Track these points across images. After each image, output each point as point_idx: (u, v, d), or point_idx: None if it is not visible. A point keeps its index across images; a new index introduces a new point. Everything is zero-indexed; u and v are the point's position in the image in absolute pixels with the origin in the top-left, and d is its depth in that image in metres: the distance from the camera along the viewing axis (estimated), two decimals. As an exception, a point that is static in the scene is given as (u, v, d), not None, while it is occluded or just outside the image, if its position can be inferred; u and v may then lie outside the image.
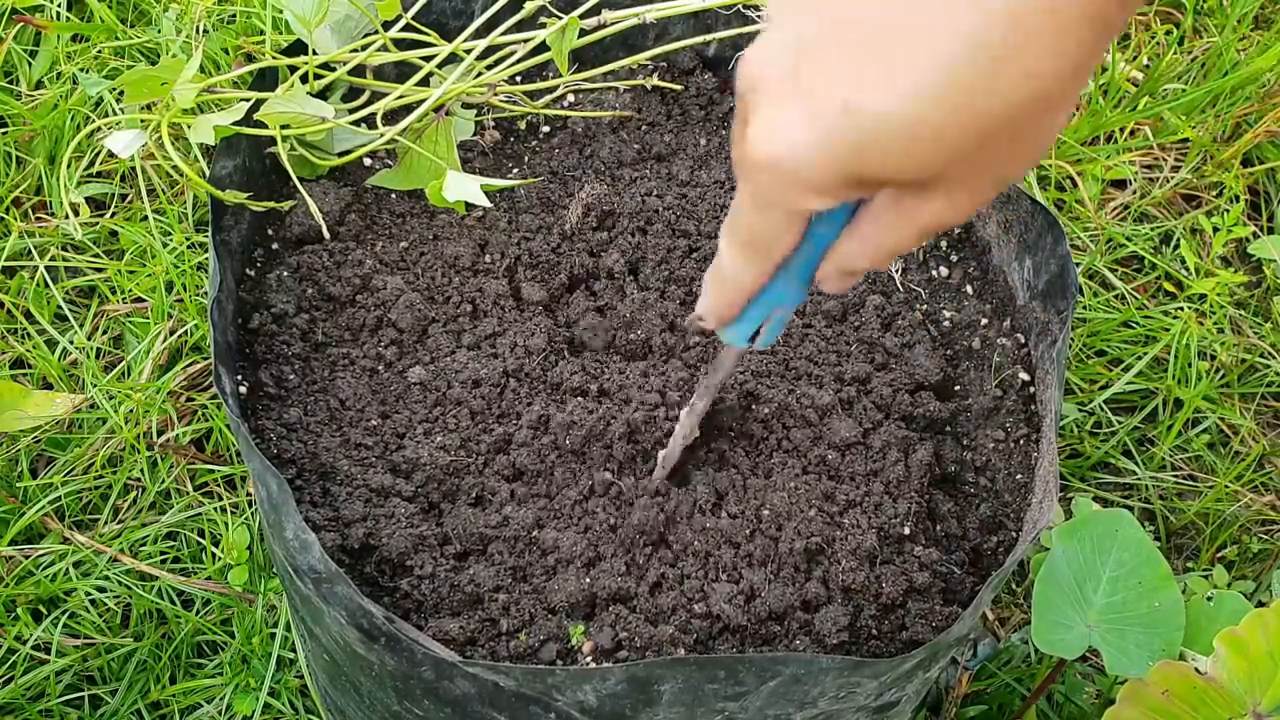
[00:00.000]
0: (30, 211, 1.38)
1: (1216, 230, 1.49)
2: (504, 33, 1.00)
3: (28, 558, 1.14)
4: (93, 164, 1.40)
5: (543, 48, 1.00)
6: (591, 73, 1.08)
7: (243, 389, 0.85)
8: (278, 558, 0.80)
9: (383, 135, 0.94)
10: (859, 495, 0.83)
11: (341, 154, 0.99)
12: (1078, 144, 1.51)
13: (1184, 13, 1.66)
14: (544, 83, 1.07)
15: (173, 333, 1.27)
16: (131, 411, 1.22)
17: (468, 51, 0.98)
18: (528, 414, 0.85)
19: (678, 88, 1.12)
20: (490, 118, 1.08)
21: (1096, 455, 1.30)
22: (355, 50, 0.97)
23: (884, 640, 0.78)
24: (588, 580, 0.76)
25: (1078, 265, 1.41)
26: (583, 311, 0.94)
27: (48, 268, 1.31)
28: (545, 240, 0.98)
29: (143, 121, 0.95)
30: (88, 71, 1.41)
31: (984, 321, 0.97)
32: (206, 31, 1.44)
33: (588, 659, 0.74)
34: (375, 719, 0.81)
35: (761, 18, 1.09)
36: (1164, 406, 1.34)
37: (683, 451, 0.81)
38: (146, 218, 1.33)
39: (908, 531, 0.82)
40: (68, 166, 1.37)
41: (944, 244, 1.02)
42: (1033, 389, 0.92)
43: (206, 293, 1.09)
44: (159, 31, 1.47)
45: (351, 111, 0.97)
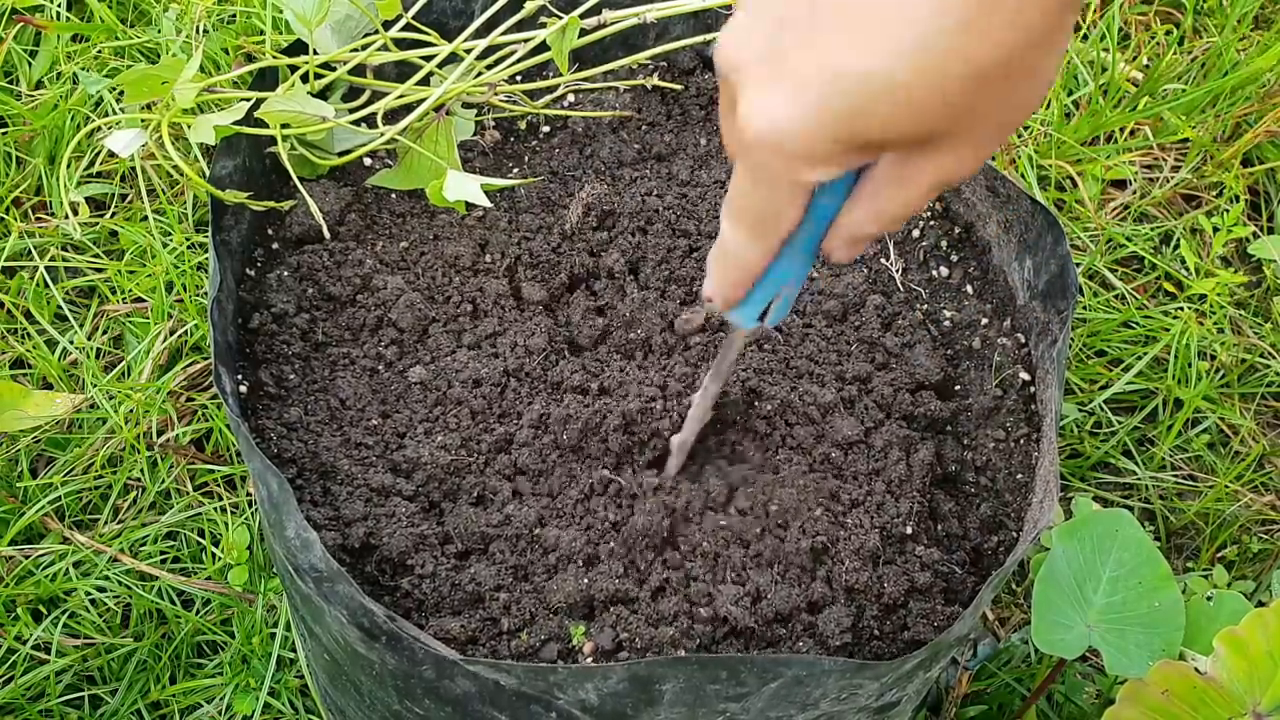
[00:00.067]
0: (30, 211, 1.38)
1: (1216, 230, 1.49)
2: (504, 32, 1.00)
3: (28, 558, 1.14)
4: (93, 164, 1.40)
5: (543, 47, 1.00)
6: (591, 72, 1.08)
7: (243, 389, 0.85)
8: (278, 557, 0.80)
9: (383, 135, 0.94)
10: (862, 494, 0.83)
11: (341, 154, 0.99)
12: (1078, 144, 1.51)
13: (1184, 13, 1.66)
14: (544, 82, 1.07)
15: (173, 333, 1.27)
16: (131, 411, 1.22)
17: (468, 51, 0.98)
18: (528, 413, 0.85)
19: (678, 88, 1.12)
20: (490, 117, 1.08)
21: (1096, 455, 1.30)
22: (355, 50, 0.97)
23: (886, 641, 0.78)
24: (587, 580, 0.76)
25: (1078, 265, 1.41)
26: (583, 311, 0.94)
27: (48, 268, 1.31)
28: (545, 240, 0.98)
29: (143, 121, 0.95)
30: (88, 71, 1.41)
31: (984, 321, 0.97)
32: (206, 31, 1.44)
33: (588, 660, 0.74)
34: (376, 718, 0.81)
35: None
36: (1164, 406, 1.34)
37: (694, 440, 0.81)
38: (146, 218, 1.33)
39: (910, 531, 0.82)
40: (68, 166, 1.37)
41: (944, 244, 1.02)
42: (1033, 389, 0.92)
43: (206, 293, 1.09)
44: (159, 31, 1.47)
45: (351, 111, 0.97)
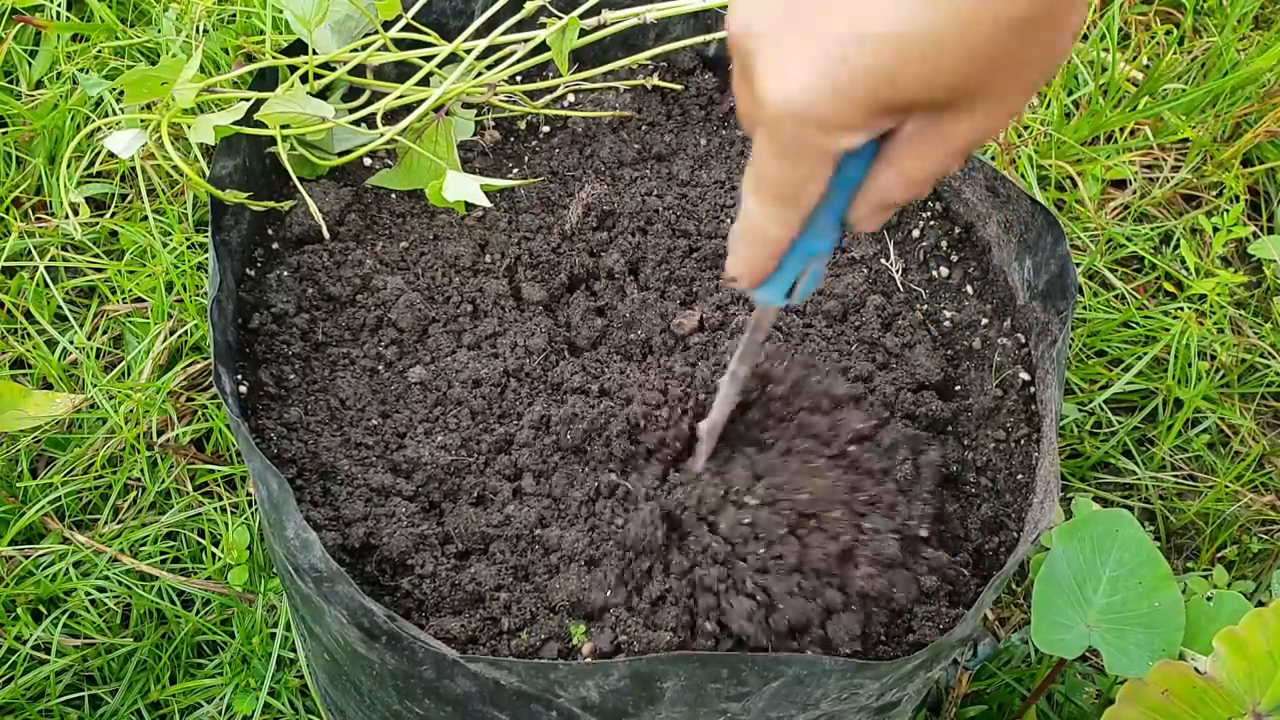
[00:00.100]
0: (30, 211, 1.38)
1: (1216, 230, 1.49)
2: (504, 33, 1.00)
3: (28, 558, 1.14)
4: (93, 164, 1.40)
5: (543, 48, 1.00)
6: (591, 73, 1.08)
7: (243, 389, 0.85)
8: (278, 557, 0.80)
9: (383, 135, 0.94)
10: (877, 495, 0.81)
11: (341, 154, 0.99)
12: (1078, 144, 1.51)
13: (1184, 13, 1.66)
14: (544, 83, 1.07)
15: (173, 333, 1.27)
16: (131, 411, 1.21)
17: (468, 51, 0.98)
18: (529, 414, 0.85)
19: (678, 88, 1.12)
20: (490, 118, 1.08)
21: (1096, 455, 1.30)
22: (355, 50, 0.97)
23: (891, 645, 0.78)
24: (588, 580, 0.76)
25: (1078, 265, 1.41)
26: (583, 312, 0.94)
27: (48, 268, 1.31)
28: (545, 240, 0.98)
29: (143, 121, 0.95)
30: (88, 71, 1.41)
31: (984, 321, 0.97)
32: (206, 31, 1.44)
33: (586, 660, 0.74)
34: (376, 718, 0.81)
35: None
36: (1164, 406, 1.34)
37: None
38: (146, 218, 1.33)
39: (924, 534, 0.81)
40: (68, 166, 1.37)
41: (944, 244, 1.02)
42: (1033, 389, 0.92)
43: (206, 293, 1.09)
44: (159, 31, 1.47)
45: (351, 111, 0.97)
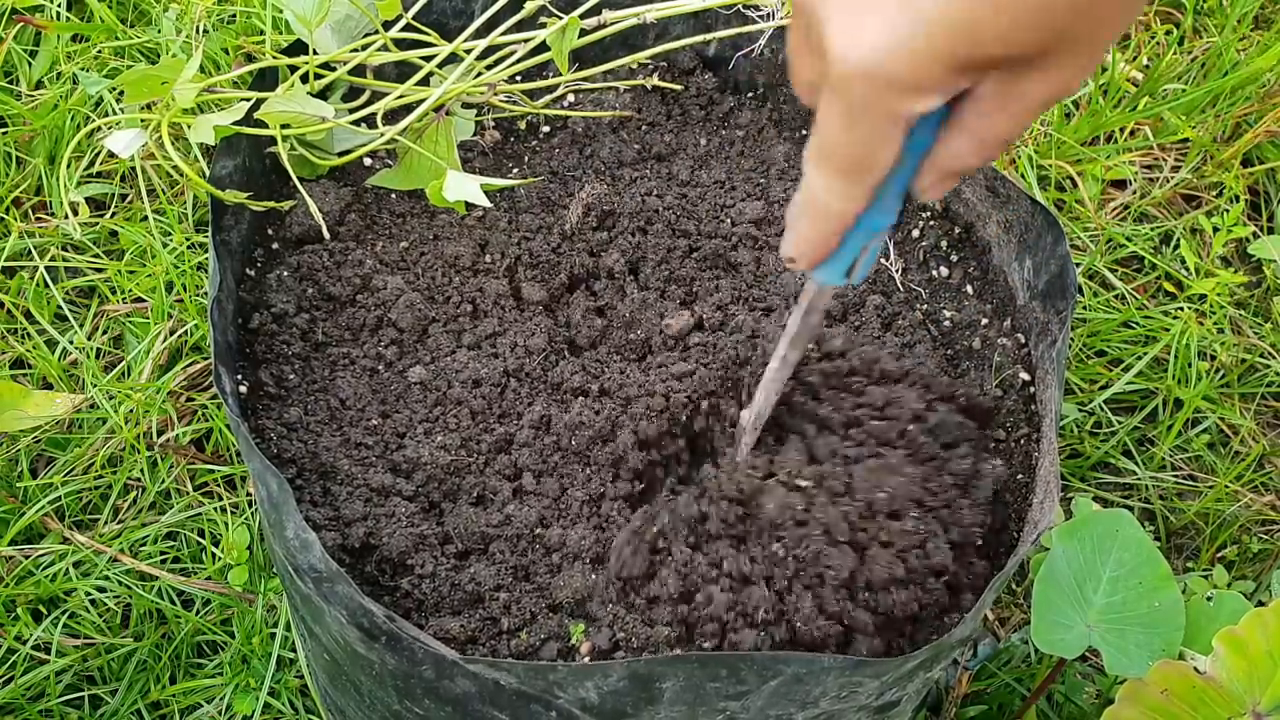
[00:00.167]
0: (30, 211, 1.38)
1: (1216, 230, 1.49)
2: (504, 33, 1.00)
3: (28, 558, 1.14)
4: (93, 164, 1.40)
5: (543, 48, 1.00)
6: (591, 72, 1.08)
7: (243, 389, 0.85)
8: (278, 557, 0.80)
9: (383, 135, 0.94)
10: (938, 490, 0.78)
11: (341, 154, 0.99)
12: (1078, 144, 1.51)
13: (1184, 13, 1.66)
14: (544, 82, 1.07)
15: (173, 333, 1.27)
16: (131, 411, 1.22)
17: (468, 51, 0.98)
18: (529, 414, 0.85)
19: (678, 88, 1.12)
20: (490, 118, 1.08)
21: (1096, 455, 1.30)
22: (355, 50, 0.97)
23: (897, 651, 0.78)
24: (592, 580, 0.76)
25: (1078, 265, 1.41)
26: (583, 311, 0.94)
27: (48, 268, 1.31)
28: (545, 240, 0.98)
29: (143, 121, 0.95)
30: (88, 71, 1.41)
31: (984, 321, 0.97)
32: (206, 31, 1.44)
33: (585, 659, 0.74)
34: (375, 718, 0.81)
35: (762, 16, 1.09)
36: (1164, 406, 1.34)
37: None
38: (146, 218, 1.33)
39: (979, 543, 0.78)
40: (68, 166, 1.37)
41: (944, 244, 1.02)
42: (1033, 389, 0.92)
43: (206, 293, 1.09)
44: (159, 31, 1.47)
45: (351, 111, 0.97)
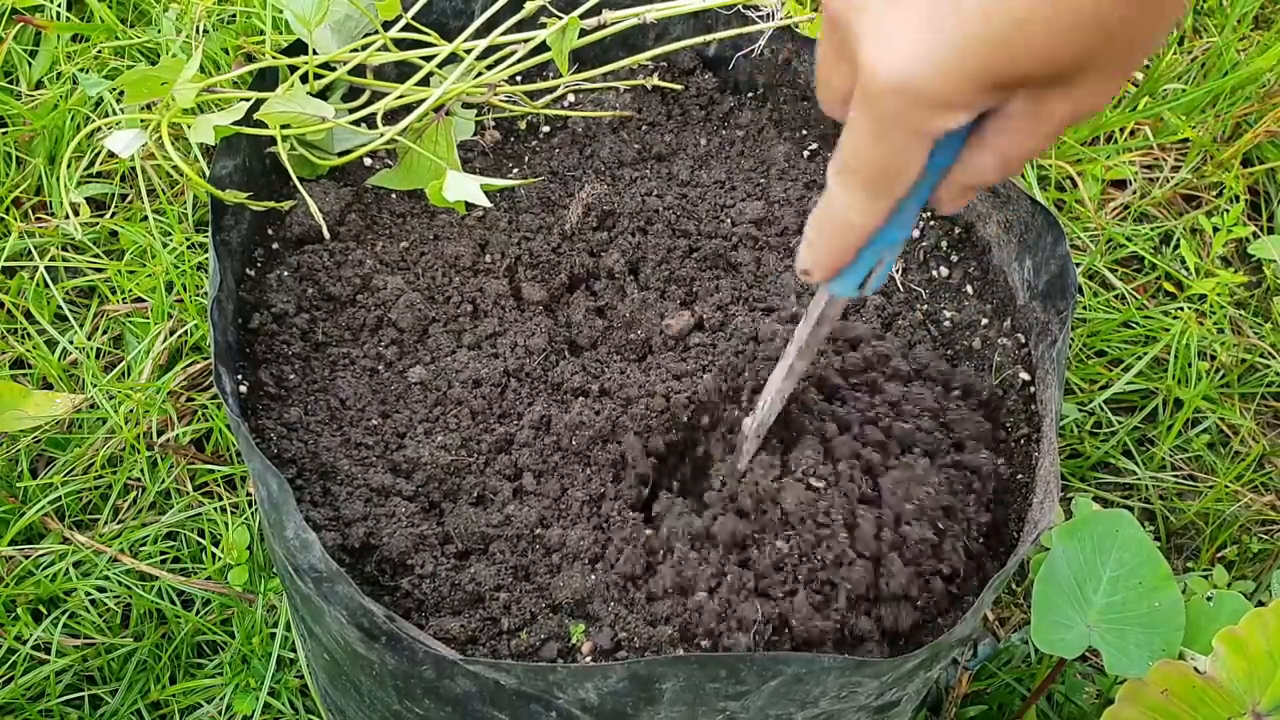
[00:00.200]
0: (30, 211, 1.38)
1: (1216, 230, 1.49)
2: (504, 33, 1.00)
3: (28, 558, 1.14)
4: (93, 164, 1.40)
5: (543, 48, 1.00)
6: (591, 73, 1.08)
7: (243, 389, 0.85)
8: (278, 557, 0.80)
9: (383, 135, 0.94)
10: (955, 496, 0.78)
11: (341, 154, 0.99)
12: (1078, 144, 1.51)
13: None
14: (544, 83, 1.07)
15: (173, 333, 1.27)
16: (131, 411, 1.22)
17: (468, 51, 0.98)
18: (529, 414, 0.85)
19: (678, 88, 1.12)
20: (490, 118, 1.08)
21: (1096, 455, 1.30)
22: (355, 50, 0.97)
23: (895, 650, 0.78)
24: (592, 579, 0.76)
25: (1078, 265, 1.41)
26: (583, 312, 0.94)
27: (48, 268, 1.31)
28: (545, 240, 0.98)
29: (143, 121, 0.95)
30: (88, 71, 1.41)
31: (984, 321, 0.97)
32: (206, 31, 1.44)
33: (586, 659, 0.74)
34: (375, 718, 0.81)
35: (762, 17, 1.09)
36: (1164, 406, 1.34)
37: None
38: (146, 218, 1.33)
39: (980, 542, 0.79)
40: (68, 166, 1.37)
41: (944, 244, 1.02)
42: (1033, 389, 0.92)
43: (206, 293, 1.09)
44: (159, 31, 1.47)
45: (351, 111, 0.97)
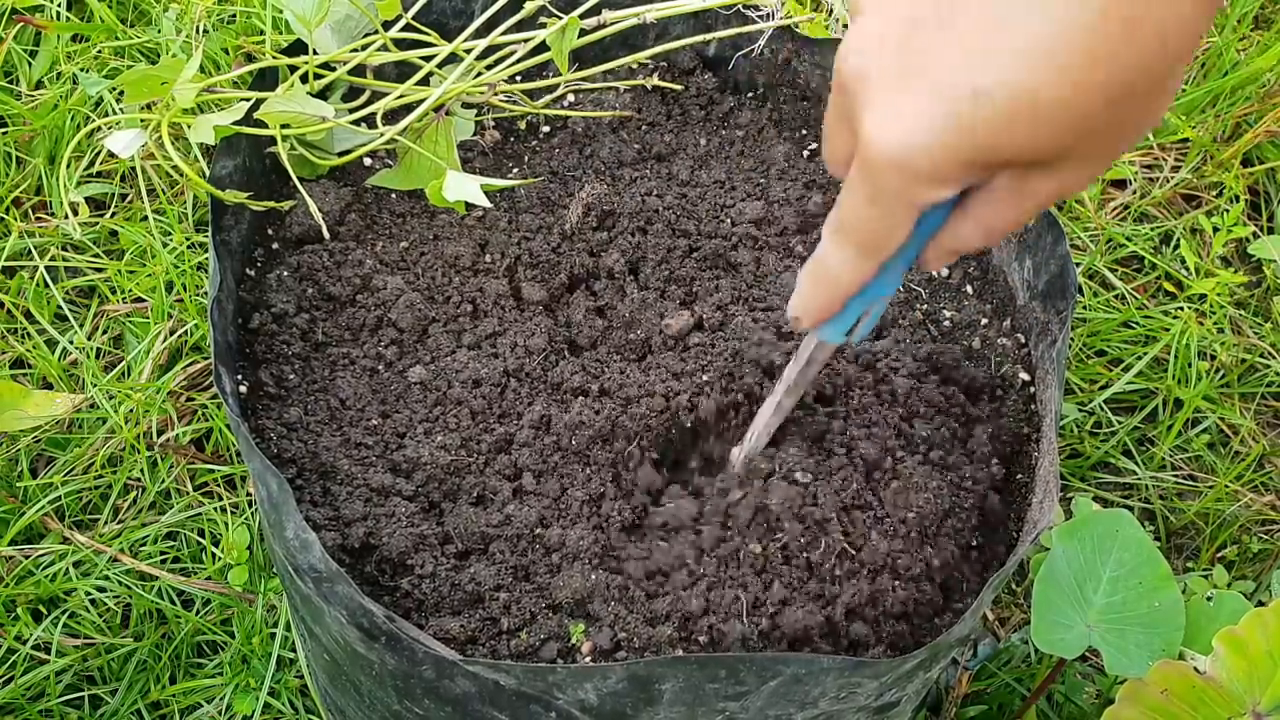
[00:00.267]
0: (30, 211, 1.38)
1: (1216, 230, 1.49)
2: (504, 33, 1.00)
3: (28, 558, 1.14)
4: (93, 164, 1.40)
5: (543, 48, 1.00)
6: (591, 72, 1.08)
7: (243, 389, 0.85)
8: (278, 557, 0.80)
9: (383, 135, 0.94)
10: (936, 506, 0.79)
11: (341, 154, 0.99)
12: (1077, 144, 1.51)
13: (1184, 13, 1.66)
14: (544, 82, 1.07)
15: (173, 333, 1.27)
16: (131, 411, 1.22)
17: (468, 51, 0.98)
18: (529, 414, 0.85)
19: (678, 88, 1.12)
20: (490, 118, 1.08)
21: (1096, 455, 1.30)
22: (355, 50, 0.97)
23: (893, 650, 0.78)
24: (593, 579, 0.76)
25: (1078, 265, 1.41)
26: (583, 312, 0.94)
27: (48, 268, 1.31)
28: (545, 240, 0.98)
29: (143, 121, 0.95)
30: (88, 71, 1.41)
31: (984, 321, 0.97)
32: (206, 31, 1.44)
33: (586, 659, 0.74)
34: (375, 718, 0.81)
35: (762, 16, 1.09)
36: (1164, 406, 1.34)
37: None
38: (146, 218, 1.33)
39: (974, 543, 0.79)
40: (68, 166, 1.37)
41: (944, 244, 1.02)
42: (1033, 389, 0.92)
43: (206, 293, 1.09)
44: (159, 31, 1.47)
45: (351, 111, 0.97)
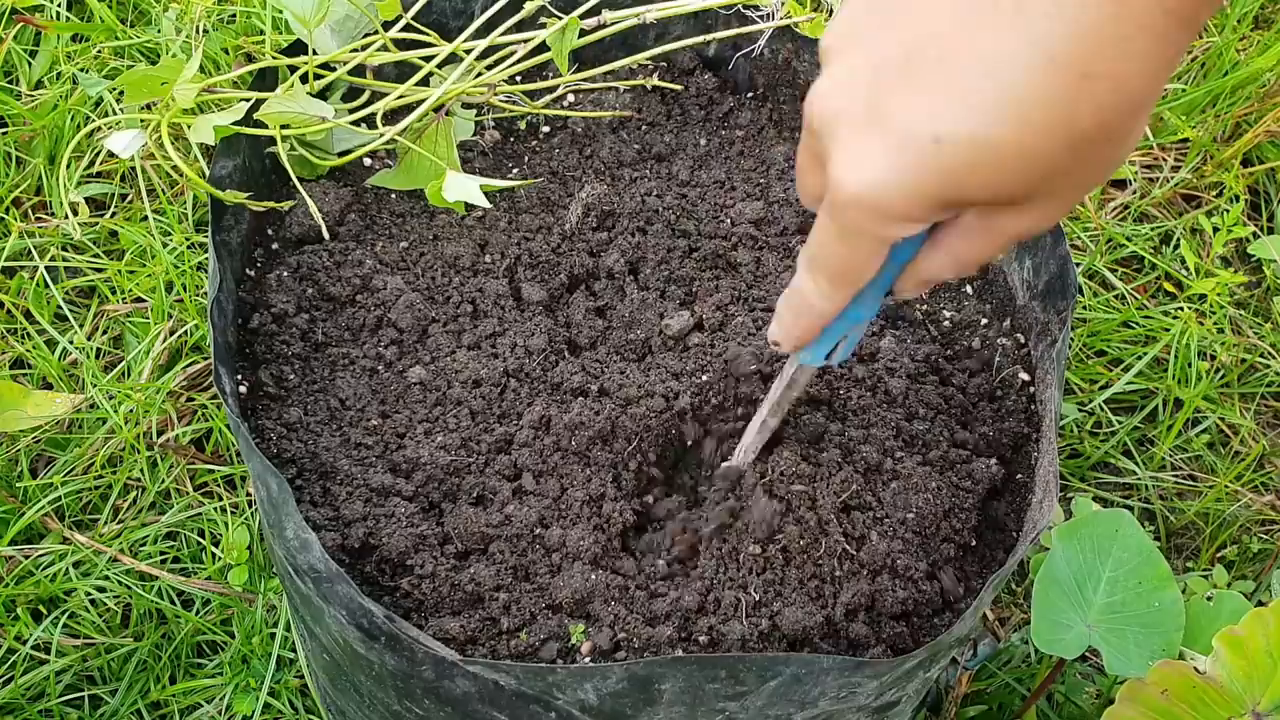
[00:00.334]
0: (30, 211, 1.38)
1: (1216, 230, 1.49)
2: (504, 33, 1.00)
3: (28, 558, 1.14)
4: (93, 164, 1.40)
5: (543, 48, 1.00)
6: (591, 72, 1.08)
7: (243, 389, 0.85)
8: (278, 557, 0.80)
9: (383, 135, 0.94)
10: (924, 504, 0.80)
11: (341, 154, 0.99)
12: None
13: (1184, 13, 1.66)
14: (544, 83, 1.07)
15: (173, 333, 1.27)
16: (131, 411, 1.22)
17: (468, 51, 0.98)
18: (529, 414, 0.85)
19: (678, 88, 1.12)
20: (490, 118, 1.08)
21: (1096, 455, 1.30)
22: (355, 50, 0.97)
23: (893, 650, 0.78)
24: (593, 579, 0.76)
25: (1078, 265, 1.41)
26: (583, 312, 0.94)
27: (48, 268, 1.31)
28: (545, 240, 0.98)
29: (143, 121, 0.95)
30: (88, 71, 1.41)
31: (984, 321, 0.97)
32: (206, 31, 1.44)
33: (585, 659, 0.74)
34: (375, 719, 0.81)
35: (762, 17, 1.09)
36: (1164, 406, 1.34)
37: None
38: (146, 218, 1.33)
39: (974, 543, 0.80)
40: (68, 166, 1.37)
41: (944, 244, 1.02)
42: (1032, 389, 0.92)
43: (206, 293, 1.09)
44: (159, 31, 1.47)
45: (351, 111, 0.97)
